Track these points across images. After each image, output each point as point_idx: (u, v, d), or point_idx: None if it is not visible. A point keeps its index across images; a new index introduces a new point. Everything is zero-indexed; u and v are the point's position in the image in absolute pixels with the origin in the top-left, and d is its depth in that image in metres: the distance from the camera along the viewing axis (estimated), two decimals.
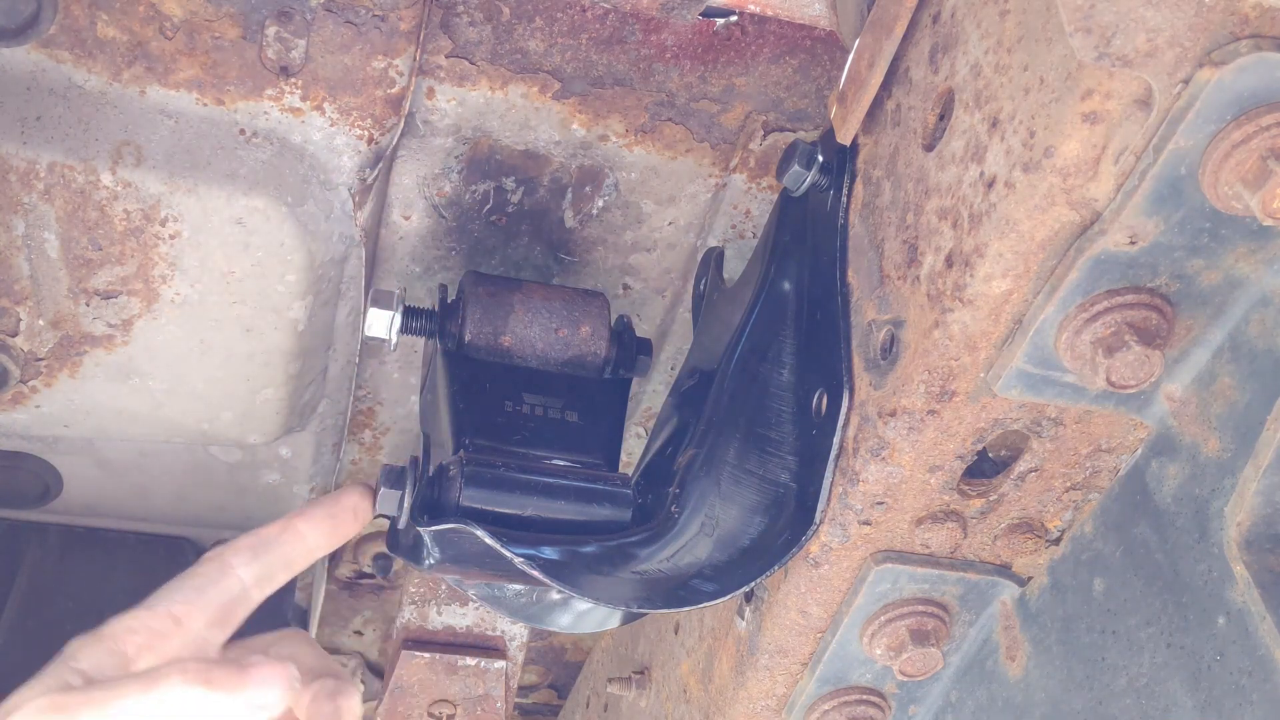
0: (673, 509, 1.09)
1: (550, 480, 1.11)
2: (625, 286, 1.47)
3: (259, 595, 1.00)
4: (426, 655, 1.52)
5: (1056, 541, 1.03)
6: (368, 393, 1.59)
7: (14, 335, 1.29)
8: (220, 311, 1.30)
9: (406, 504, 1.06)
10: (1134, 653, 0.94)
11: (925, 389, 0.90)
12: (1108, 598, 0.97)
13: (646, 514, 1.11)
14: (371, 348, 1.50)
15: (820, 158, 1.04)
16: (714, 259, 1.29)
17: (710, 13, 1.14)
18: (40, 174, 1.18)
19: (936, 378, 0.90)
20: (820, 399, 1.02)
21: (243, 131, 1.21)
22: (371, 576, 1.89)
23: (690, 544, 1.07)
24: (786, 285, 1.10)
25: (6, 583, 1.71)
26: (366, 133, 1.22)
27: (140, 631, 0.93)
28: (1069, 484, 0.98)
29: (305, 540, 1.03)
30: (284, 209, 1.23)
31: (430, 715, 1.55)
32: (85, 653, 0.91)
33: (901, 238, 0.93)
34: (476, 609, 1.54)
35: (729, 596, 1.06)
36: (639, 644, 1.47)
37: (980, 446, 0.95)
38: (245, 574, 0.99)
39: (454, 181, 1.34)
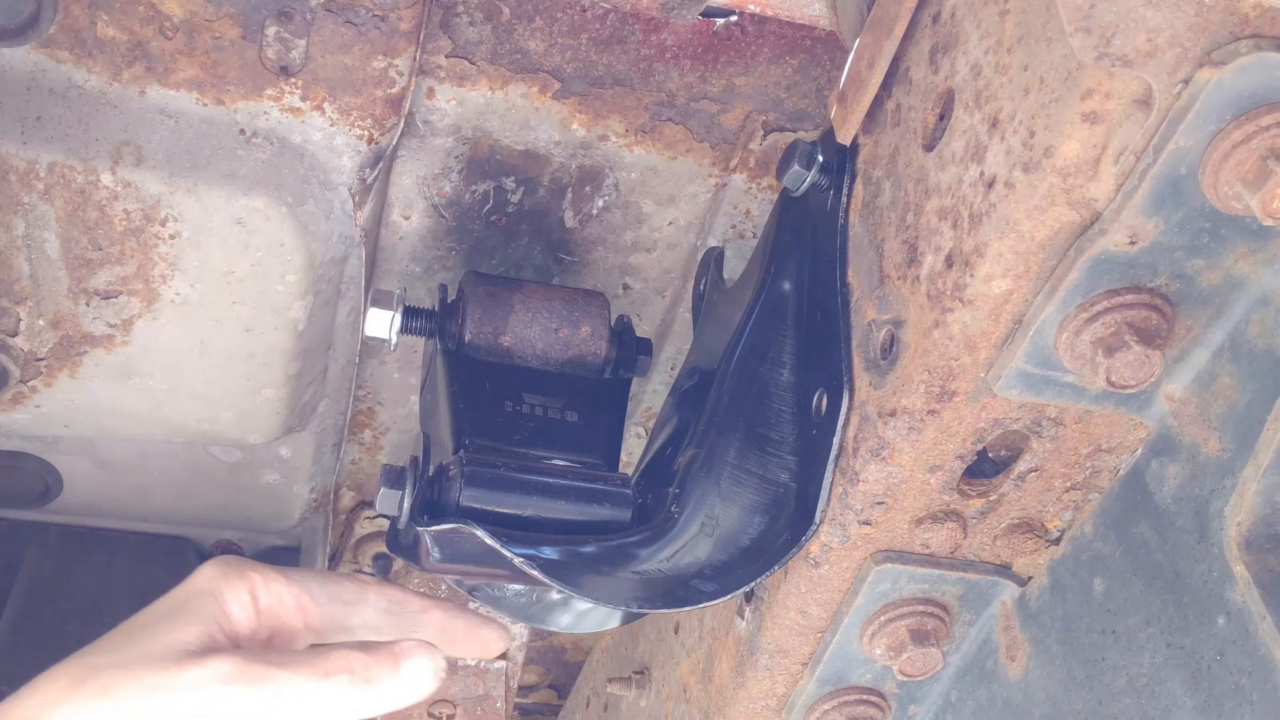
0: (673, 509, 1.09)
1: (550, 480, 1.11)
2: (625, 286, 1.47)
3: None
4: None
5: (1056, 541, 1.03)
6: (368, 393, 1.59)
7: (14, 335, 1.29)
8: (220, 311, 1.30)
9: (406, 504, 1.06)
10: (1134, 653, 0.94)
11: (925, 389, 0.90)
12: (1108, 598, 0.97)
13: (646, 514, 1.11)
14: (371, 348, 1.50)
15: (820, 158, 1.04)
16: (714, 259, 1.29)
17: (710, 13, 1.14)
18: (40, 174, 1.18)
19: (936, 378, 0.90)
20: (820, 399, 1.02)
21: (243, 131, 1.21)
22: (371, 576, 1.88)
23: (690, 544, 1.07)
24: (786, 285, 1.10)
25: (6, 583, 1.71)
26: (366, 133, 1.22)
27: (274, 598, 0.94)
28: (1069, 484, 0.98)
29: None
30: (284, 209, 1.23)
31: (430, 715, 1.55)
32: (234, 599, 0.92)
33: (901, 238, 0.93)
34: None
35: (729, 596, 1.06)
36: (639, 644, 1.47)
37: (980, 446, 0.95)
38: (368, 613, 0.99)
39: (454, 181, 1.34)
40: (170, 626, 0.90)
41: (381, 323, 1.25)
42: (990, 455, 1.01)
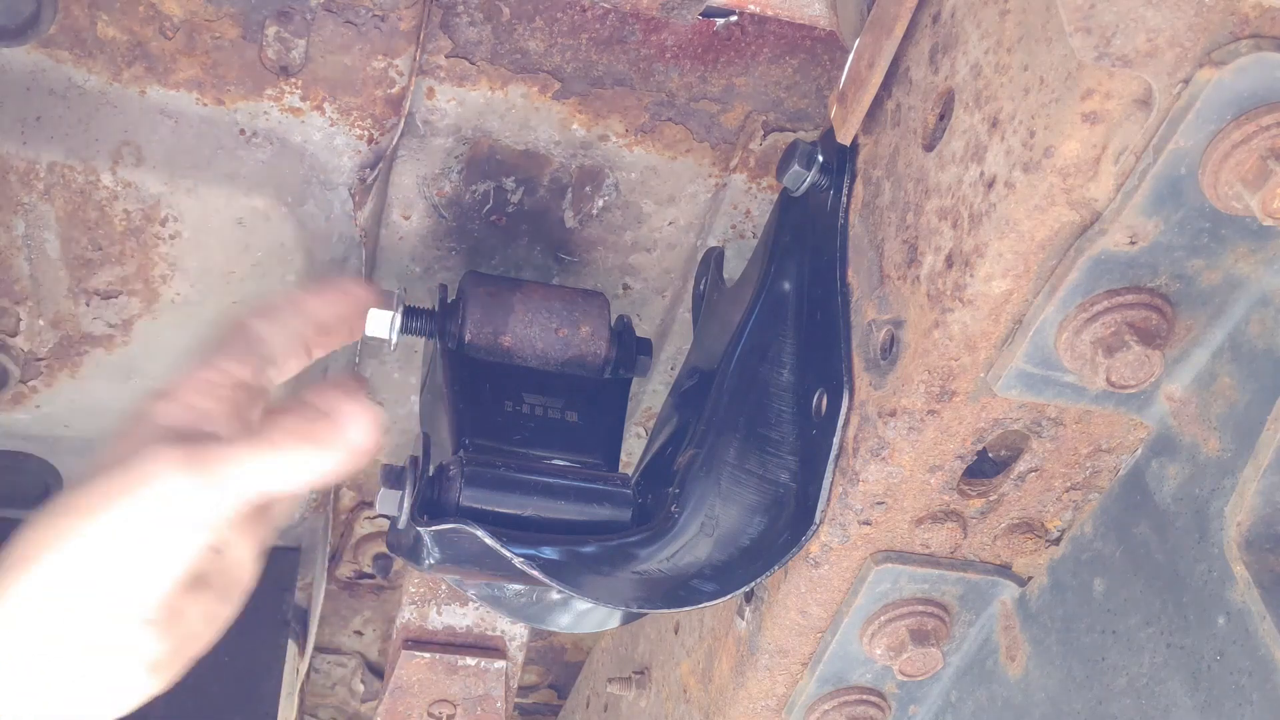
0: (673, 509, 1.09)
1: (550, 480, 1.11)
2: (625, 286, 1.47)
3: (288, 361, 1.01)
4: (426, 655, 1.52)
5: (1056, 541, 1.03)
6: (368, 393, 1.59)
7: (14, 335, 1.29)
8: (220, 311, 1.30)
9: (406, 504, 1.06)
10: (1134, 653, 0.94)
11: (925, 389, 0.90)
12: (1108, 598, 0.97)
13: (646, 514, 1.11)
14: (371, 348, 1.50)
15: (820, 158, 1.04)
16: (714, 259, 1.29)
17: (710, 13, 1.14)
18: (40, 174, 1.18)
19: (936, 378, 0.90)
20: (820, 399, 1.02)
21: (243, 131, 1.21)
22: (371, 576, 1.89)
23: (690, 544, 1.07)
24: (786, 285, 1.10)
25: None
26: (366, 133, 1.22)
27: (204, 391, 0.94)
28: (1069, 484, 0.98)
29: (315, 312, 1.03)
30: (284, 209, 1.24)
31: (430, 715, 1.55)
32: (166, 413, 0.92)
33: (901, 238, 0.93)
34: (476, 609, 1.54)
35: (729, 596, 1.06)
36: (639, 644, 1.47)
37: (980, 446, 0.95)
38: (270, 334, 1.00)
39: (454, 181, 1.34)
40: (113, 466, 0.88)
41: (381, 323, 1.24)
42: (990, 455, 1.01)
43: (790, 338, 1.09)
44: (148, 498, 0.84)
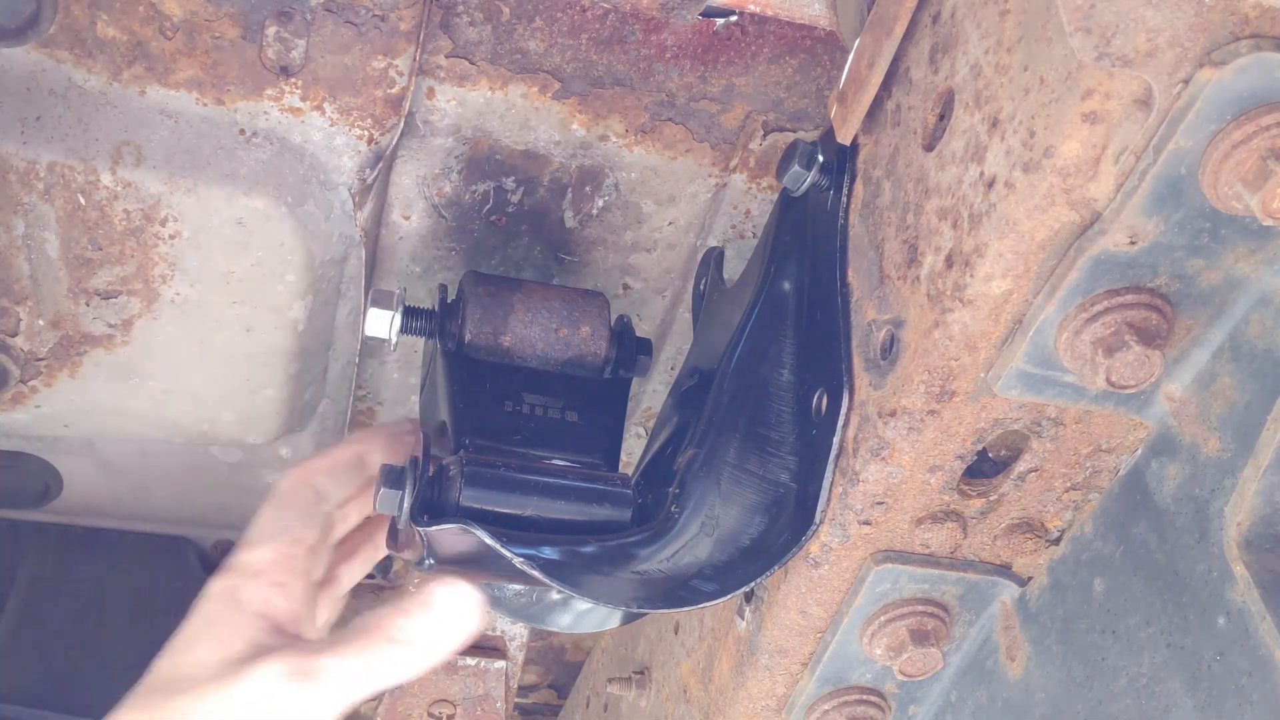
0: (673, 509, 1.09)
1: (550, 480, 1.11)
2: (625, 286, 1.47)
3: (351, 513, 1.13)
4: None
5: (1056, 541, 1.03)
6: (368, 393, 1.59)
7: (14, 335, 1.29)
8: (220, 311, 1.30)
9: (406, 504, 1.06)
10: (1134, 653, 0.94)
11: (925, 389, 0.90)
12: (1108, 598, 0.97)
13: (646, 514, 1.11)
14: (371, 348, 1.50)
15: (820, 158, 1.04)
16: (714, 259, 1.29)
17: (710, 13, 1.14)
18: (40, 174, 1.18)
19: (936, 378, 0.90)
20: (820, 399, 1.02)
21: (243, 131, 1.21)
22: (371, 576, 1.88)
23: (690, 544, 1.07)
24: (786, 285, 1.10)
25: (6, 583, 1.71)
26: (366, 133, 1.22)
27: (285, 567, 1.01)
28: (1069, 484, 0.98)
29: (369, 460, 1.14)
30: (284, 209, 1.23)
31: (430, 715, 1.55)
32: (256, 599, 0.98)
33: (901, 238, 0.93)
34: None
35: (729, 596, 1.06)
36: (639, 644, 1.47)
37: (980, 446, 0.95)
38: (331, 491, 1.10)
39: (454, 181, 1.34)
40: (214, 644, 0.94)
41: (381, 323, 1.25)
42: (990, 455, 1.01)
43: (790, 338, 1.09)
44: (252, 705, 0.90)
